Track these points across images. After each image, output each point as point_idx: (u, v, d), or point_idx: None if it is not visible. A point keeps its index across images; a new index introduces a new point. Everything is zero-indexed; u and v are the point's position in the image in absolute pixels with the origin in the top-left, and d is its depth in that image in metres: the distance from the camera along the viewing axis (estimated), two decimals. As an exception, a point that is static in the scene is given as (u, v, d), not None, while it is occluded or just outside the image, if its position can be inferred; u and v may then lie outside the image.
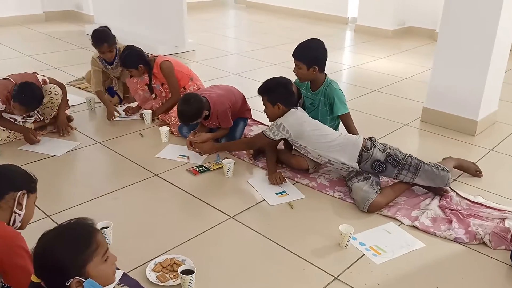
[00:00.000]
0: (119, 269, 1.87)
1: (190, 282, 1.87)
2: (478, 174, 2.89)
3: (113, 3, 6.46)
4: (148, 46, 5.65)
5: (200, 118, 3.04)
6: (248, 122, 3.55)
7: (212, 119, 3.17)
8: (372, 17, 7.25)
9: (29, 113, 3.27)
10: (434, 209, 2.49)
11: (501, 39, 3.31)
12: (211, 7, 9.57)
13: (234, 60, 5.85)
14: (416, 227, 2.36)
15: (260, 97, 2.80)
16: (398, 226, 2.38)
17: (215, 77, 4.71)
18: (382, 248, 2.20)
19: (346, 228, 2.18)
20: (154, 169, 2.91)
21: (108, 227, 2.15)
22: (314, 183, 2.77)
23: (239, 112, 3.35)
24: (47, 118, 3.37)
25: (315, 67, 2.83)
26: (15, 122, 3.24)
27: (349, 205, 2.57)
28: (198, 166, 2.95)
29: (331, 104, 2.90)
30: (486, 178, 2.88)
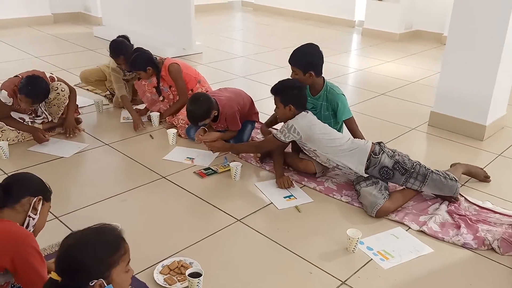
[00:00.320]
0: None
1: (197, 285, 1.87)
2: (486, 180, 2.88)
3: (121, 5, 6.49)
4: (156, 48, 5.67)
5: (209, 118, 3.04)
6: (256, 125, 3.56)
7: (221, 122, 3.17)
8: (379, 21, 7.24)
9: (37, 112, 3.30)
10: (443, 214, 2.48)
11: (510, 43, 3.30)
12: (218, 10, 9.60)
13: (241, 62, 5.86)
14: (424, 232, 2.35)
15: (273, 97, 2.80)
16: (406, 231, 2.37)
17: (222, 80, 4.73)
18: (390, 253, 2.19)
19: (353, 233, 2.18)
20: (162, 171, 2.92)
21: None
22: (322, 186, 2.77)
23: (247, 115, 3.36)
24: (55, 117, 3.38)
25: (311, 72, 2.84)
26: (24, 122, 3.26)
27: (356, 209, 2.56)
28: (205, 169, 2.96)
29: (334, 109, 2.90)
30: (494, 183, 2.87)
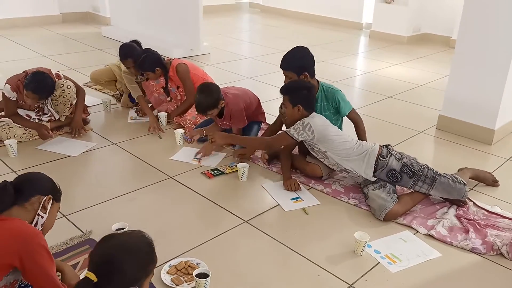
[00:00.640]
0: None
1: (205, 286, 1.87)
2: (495, 184, 2.86)
3: (130, 5, 6.52)
4: (164, 49, 5.69)
5: (217, 108, 3.02)
6: (262, 126, 3.56)
7: (226, 118, 3.17)
8: (387, 23, 7.23)
9: (43, 110, 3.31)
10: (451, 218, 2.46)
11: (520, 47, 3.28)
12: (225, 11, 9.62)
13: (248, 64, 5.86)
14: (432, 236, 2.33)
15: (280, 98, 2.79)
16: (414, 234, 2.36)
17: (229, 81, 4.73)
18: (398, 257, 2.18)
19: (361, 236, 2.17)
20: (169, 171, 2.92)
21: (124, 228, 2.17)
22: (329, 189, 2.76)
23: (253, 115, 3.36)
24: (62, 115, 3.39)
25: (305, 74, 2.84)
26: (30, 118, 3.27)
27: (364, 212, 2.55)
28: (212, 169, 2.96)
29: (336, 106, 2.91)
30: (503, 187, 2.85)
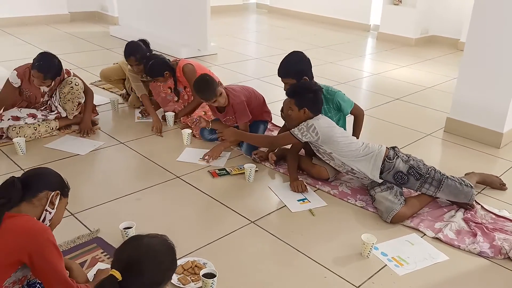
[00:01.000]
0: None
1: (211, 286, 1.87)
2: (503, 187, 2.84)
3: (138, 5, 6.54)
4: (171, 49, 5.74)
5: (215, 95, 2.99)
6: (269, 127, 3.56)
7: (228, 113, 3.17)
8: (395, 25, 7.21)
9: (51, 107, 3.34)
10: (458, 221, 2.45)
11: (530, 50, 3.26)
12: (232, 11, 9.63)
13: (255, 64, 5.86)
14: (439, 239, 2.32)
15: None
16: (421, 237, 2.35)
17: (236, 81, 4.72)
18: (405, 259, 2.17)
19: (368, 238, 2.17)
20: (176, 171, 2.93)
21: (131, 227, 2.18)
22: (336, 190, 2.76)
23: (258, 113, 3.35)
24: (70, 114, 3.42)
25: (305, 78, 2.85)
26: (36, 118, 3.30)
27: (371, 214, 2.54)
28: (219, 169, 2.96)
29: (338, 107, 2.91)
30: (511, 191, 2.83)
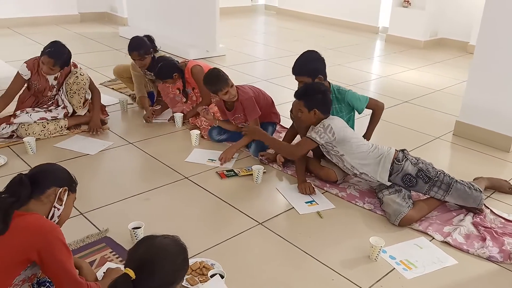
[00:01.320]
0: None
1: (219, 287, 1.88)
2: (512, 192, 2.83)
3: (147, 6, 6.58)
4: (180, 50, 5.77)
5: (227, 85, 3.04)
6: (278, 129, 3.56)
7: (237, 110, 3.17)
8: (404, 27, 7.18)
9: (57, 101, 3.38)
10: (467, 225, 2.44)
11: (541, 54, 3.24)
12: (241, 13, 9.65)
13: (263, 66, 5.87)
14: (448, 243, 2.31)
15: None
16: (430, 241, 2.34)
17: (244, 83, 4.70)
18: (413, 263, 2.17)
19: (376, 241, 2.16)
20: (185, 171, 2.94)
21: (140, 227, 2.19)
22: (344, 193, 2.75)
23: (266, 114, 3.35)
24: (77, 108, 3.44)
25: (320, 77, 2.84)
26: (45, 114, 3.32)
27: (379, 217, 2.54)
28: (227, 170, 2.97)
29: (352, 106, 2.92)
30: (520, 196, 2.82)
